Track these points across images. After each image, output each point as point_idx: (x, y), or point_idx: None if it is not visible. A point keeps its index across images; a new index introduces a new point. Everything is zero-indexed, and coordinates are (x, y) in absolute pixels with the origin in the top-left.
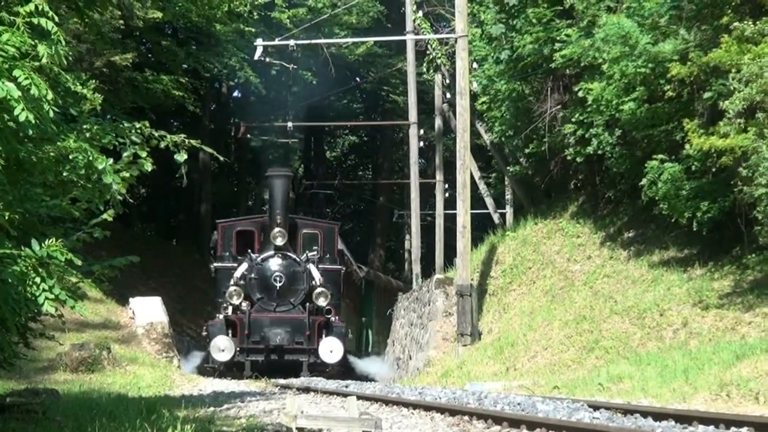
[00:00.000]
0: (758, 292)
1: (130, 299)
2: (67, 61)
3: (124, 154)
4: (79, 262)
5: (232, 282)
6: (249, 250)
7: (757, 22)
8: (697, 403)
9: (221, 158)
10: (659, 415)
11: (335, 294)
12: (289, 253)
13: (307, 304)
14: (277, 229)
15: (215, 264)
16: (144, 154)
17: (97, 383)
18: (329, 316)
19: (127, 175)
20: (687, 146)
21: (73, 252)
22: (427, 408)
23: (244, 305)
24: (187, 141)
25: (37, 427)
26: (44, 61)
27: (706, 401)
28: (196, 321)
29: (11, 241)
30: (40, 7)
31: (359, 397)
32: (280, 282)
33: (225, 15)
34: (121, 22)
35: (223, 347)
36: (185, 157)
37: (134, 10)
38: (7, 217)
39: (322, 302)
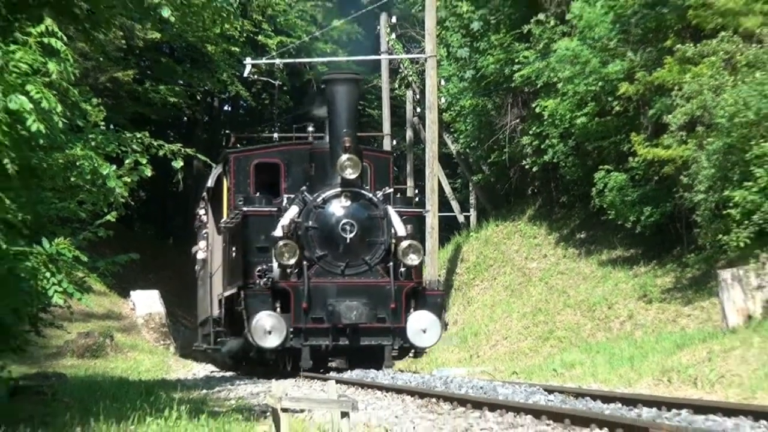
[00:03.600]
0: (696, 288)
1: (131, 292)
2: (74, 77)
3: (126, 161)
4: (85, 259)
5: (278, 232)
6: (304, 187)
7: (697, 45)
8: (641, 387)
9: (213, 165)
10: (607, 398)
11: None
12: (362, 191)
13: (390, 263)
14: (346, 157)
15: (246, 208)
16: (144, 161)
17: (101, 368)
18: (419, 281)
19: (129, 180)
20: (633, 157)
21: (79, 249)
22: (399, 391)
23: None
24: (183, 149)
25: (47, 407)
26: (54, 76)
27: (649, 386)
28: (191, 312)
29: (24, 239)
30: (50, 28)
31: (338, 381)
32: (350, 233)
33: (217, 36)
34: (123, 41)
35: (269, 327)
36: (181, 164)
37: (135, 31)
38: (20, 218)
39: (413, 260)
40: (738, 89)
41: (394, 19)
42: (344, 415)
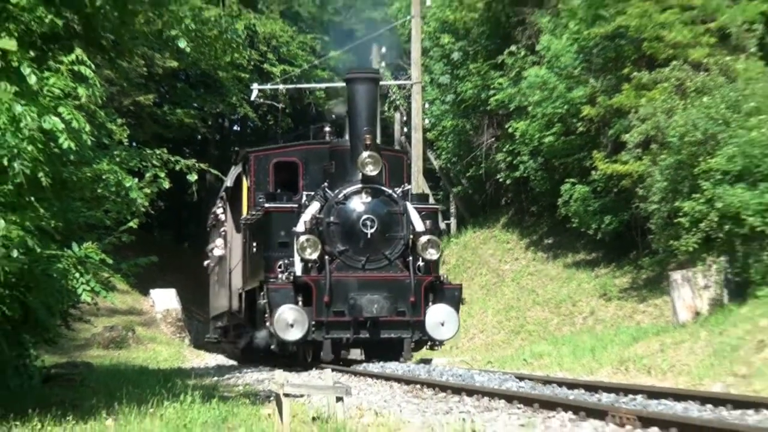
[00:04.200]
0: (650, 287)
1: (151, 291)
2: (101, 100)
3: (147, 175)
4: (110, 261)
5: (300, 228)
6: (325, 183)
7: (651, 73)
8: (602, 375)
9: (224, 178)
10: (572, 385)
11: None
12: (382, 188)
13: (410, 258)
14: (367, 154)
15: (268, 204)
16: (162, 175)
17: (123, 358)
18: (437, 275)
19: (149, 191)
20: (595, 171)
21: (105, 253)
22: (387, 378)
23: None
24: (196, 164)
25: (76, 392)
26: (83, 100)
27: (609, 374)
28: (203, 308)
29: (56, 244)
30: (80, 57)
31: (333, 370)
32: (371, 228)
33: (227, 64)
34: (145, 69)
35: (291, 321)
36: (195, 177)
37: (155, 60)
38: (53, 225)
39: (431, 254)
40: (687, 112)
41: (384, 50)
42: (339, 399)
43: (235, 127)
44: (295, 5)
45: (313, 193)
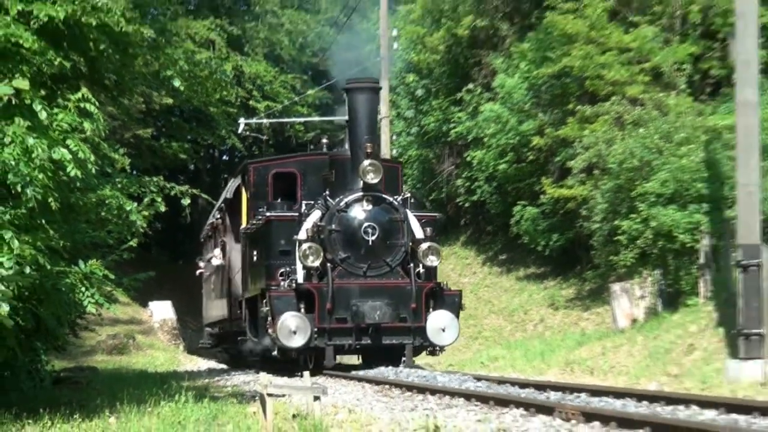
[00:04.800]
0: (593, 298)
1: (149, 302)
2: (104, 134)
3: (145, 199)
4: (112, 276)
5: (302, 236)
6: (326, 192)
7: (593, 107)
8: (550, 375)
9: (214, 202)
10: (523, 384)
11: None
12: (383, 195)
13: (410, 265)
14: (368, 162)
15: (269, 213)
16: (159, 199)
17: (125, 362)
18: (438, 282)
19: (147, 213)
20: (543, 195)
21: (108, 269)
22: (359, 380)
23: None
24: (189, 190)
25: (82, 394)
26: (88, 133)
27: (556, 374)
28: (196, 318)
29: (64, 261)
30: (85, 95)
31: (325, 374)
32: (372, 235)
33: (217, 101)
34: (143, 105)
35: (294, 328)
36: (188, 201)
37: (153, 97)
38: (61, 245)
39: (432, 261)
40: (625, 142)
41: None
42: (316, 398)
43: (224, 157)
44: (277, 49)
45: (312, 202)
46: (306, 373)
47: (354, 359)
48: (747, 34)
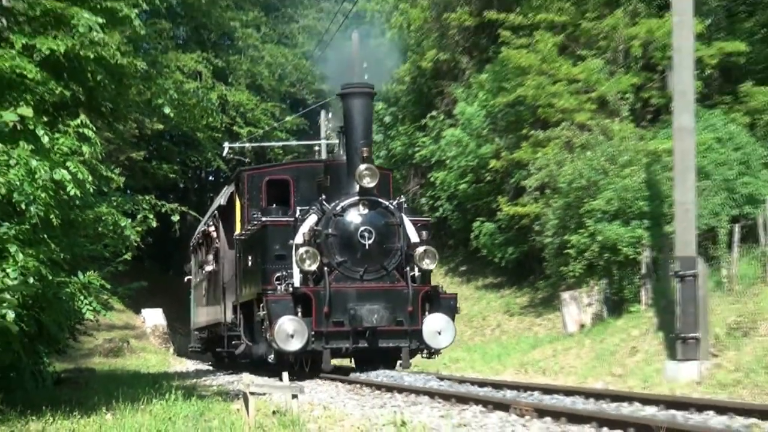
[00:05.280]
0: (545, 305)
1: (142, 310)
2: (100, 156)
3: (138, 216)
4: (108, 286)
5: (299, 240)
6: (322, 197)
7: (545, 132)
8: (506, 375)
9: (200, 218)
10: (482, 384)
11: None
12: (379, 200)
13: (407, 269)
14: (364, 166)
15: (264, 218)
16: (151, 216)
17: (120, 364)
18: (434, 285)
19: (140, 229)
20: (500, 212)
21: (104, 279)
22: (333, 379)
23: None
24: (178, 207)
25: (81, 393)
26: (86, 156)
27: (512, 374)
28: (185, 324)
29: (64, 272)
30: (83, 122)
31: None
32: (369, 239)
33: (204, 127)
34: (137, 130)
35: (291, 331)
36: (178, 218)
37: (145, 123)
38: (62, 257)
39: (428, 265)
40: (574, 163)
41: (330, 115)
42: (294, 396)
43: (210, 177)
44: (258, 79)
45: (306, 208)
46: (285, 374)
47: (350, 362)
48: (683, 66)
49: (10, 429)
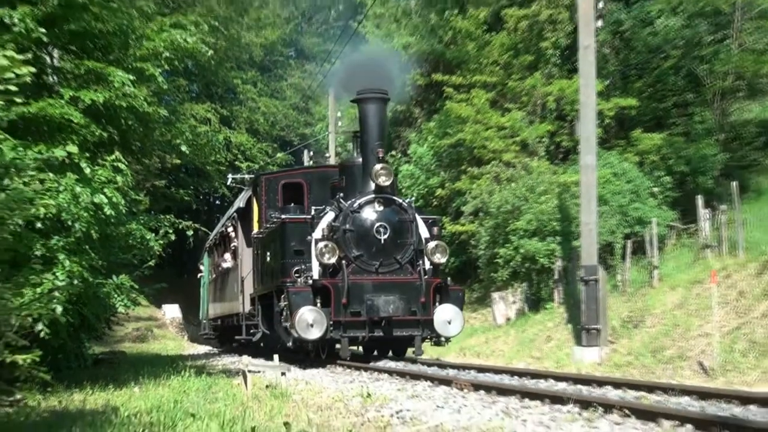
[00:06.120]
0: (479, 303)
1: (162, 305)
2: (130, 184)
3: (160, 231)
4: (136, 286)
5: (318, 235)
6: (339, 194)
7: (479, 168)
8: (449, 358)
9: (209, 233)
10: (430, 364)
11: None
12: (394, 197)
13: (421, 262)
14: (380, 166)
15: (283, 216)
16: (170, 231)
17: (145, 348)
18: (443, 278)
19: (161, 242)
20: (444, 230)
21: (133, 281)
22: (313, 363)
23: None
24: (192, 225)
25: (115, 370)
26: (120, 184)
27: (453, 357)
28: (197, 317)
29: (102, 276)
30: (117, 157)
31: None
32: (384, 234)
33: (212, 162)
34: (159, 164)
35: (311, 321)
36: (191, 232)
37: (165, 158)
38: (100, 263)
39: (439, 258)
40: (502, 192)
41: (311, 153)
42: (283, 374)
43: (216, 201)
44: (255, 125)
45: (321, 207)
46: (275, 356)
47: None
48: (587, 117)
49: (58, 399)
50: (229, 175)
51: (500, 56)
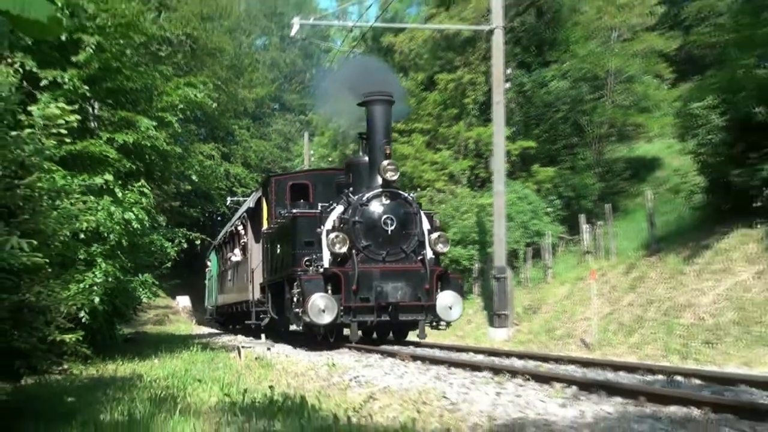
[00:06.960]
0: None
1: (177, 297)
2: (153, 204)
3: (176, 241)
4: (156, 282)
5: (329, 226)
6: (348, 189)
7: (417, 192)
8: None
9: (213, 242)
10: (391, 342)
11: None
12: (399, 191)
13: (425, 251)
14: (387, 162)
15: (294, 210)
16: (183, 241)
17: (162, 329)
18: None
19: (176, 249)
20: None
21: (154, 278)
22: (290, 341)
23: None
24: (200, 236)
25: (139, 347)
26: (144, 204)
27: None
28: (203, 305)
29: (130, 275)
30: (143, 184)
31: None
32: (391, 226)
33: (216, 188)
34: (175, 189)
35: (323, 307)
36: (199, 242)
37: (180, 185)
38: (129, 265)
39: (441, 248)
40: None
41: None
42: (268, 349)
43: (219, 218)
44: (248, 160)
45: (327, 203)
46: (263, 335)
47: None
48: (499, 156)
49: (96, 369)
50: (228, 198)
51: (433, 109)
